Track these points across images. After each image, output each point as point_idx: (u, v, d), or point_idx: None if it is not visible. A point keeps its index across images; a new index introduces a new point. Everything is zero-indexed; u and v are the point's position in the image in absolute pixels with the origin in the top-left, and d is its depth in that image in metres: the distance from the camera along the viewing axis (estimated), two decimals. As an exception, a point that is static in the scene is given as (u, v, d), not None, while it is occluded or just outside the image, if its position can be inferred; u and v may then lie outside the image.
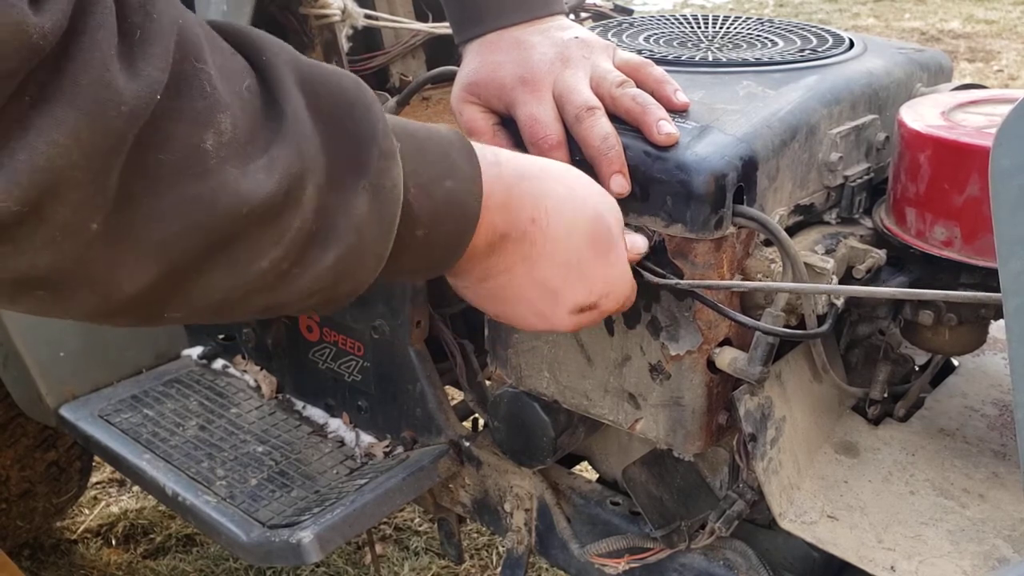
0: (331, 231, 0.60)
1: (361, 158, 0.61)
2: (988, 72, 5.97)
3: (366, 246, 0.62)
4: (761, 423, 0.98)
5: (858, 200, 1.05)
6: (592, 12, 1.77)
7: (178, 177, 0.52)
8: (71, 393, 1.59)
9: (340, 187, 0.60)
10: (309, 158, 0.57)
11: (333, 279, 0.62)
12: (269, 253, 0.57)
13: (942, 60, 1.21)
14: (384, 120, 0.63)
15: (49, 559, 2.15)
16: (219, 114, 0.53)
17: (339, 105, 0.61)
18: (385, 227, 0.63)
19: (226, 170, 0.53)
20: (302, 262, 0.59)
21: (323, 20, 1.48)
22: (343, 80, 0.62)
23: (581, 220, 0.79)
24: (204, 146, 0.52)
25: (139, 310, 0.56)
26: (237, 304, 0.59)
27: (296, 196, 0.57)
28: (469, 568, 2.12)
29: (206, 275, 0.56)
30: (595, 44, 0.95)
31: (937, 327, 1.01)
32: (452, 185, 0.68)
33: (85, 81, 0.48)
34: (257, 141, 0.55)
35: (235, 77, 0.55)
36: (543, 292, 0.79)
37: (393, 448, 1.40)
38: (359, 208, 0.60)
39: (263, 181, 0.54)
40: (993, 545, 0.93)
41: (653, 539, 1.08)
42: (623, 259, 0.83)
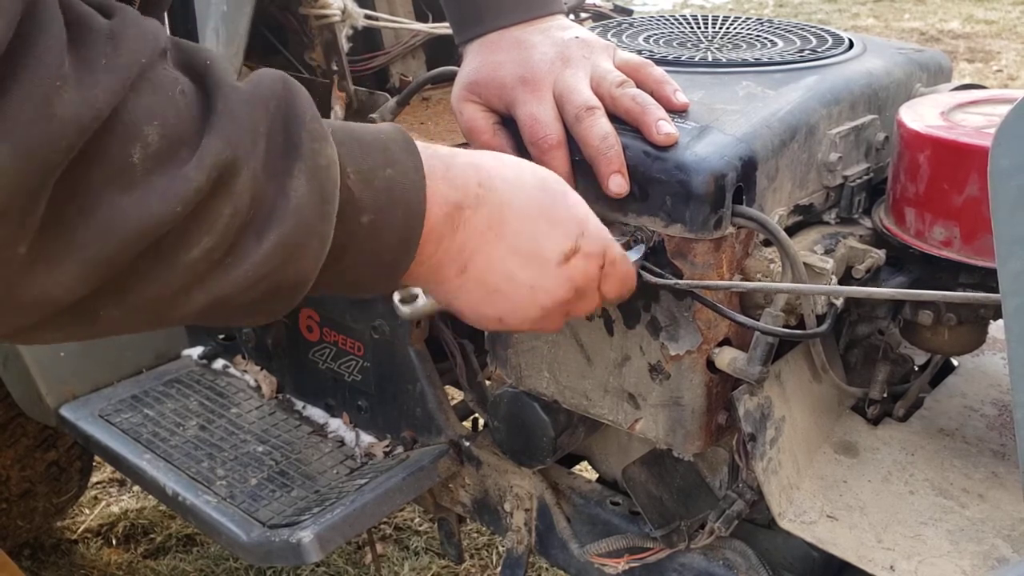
0: (269, 216, 0.59)
1: (293, 142, 0.61)
2: (988, 72, 5.98)
3: (307, 228, 0.61)
4: (760, 423, 0.98)
5: (857, 200, 1.05)
6: (592, 12, 1.77)
7: (105, 193, 0.52)
8: (71, 393, 1.59)
9: (276, 173, 0.60)
10: (241, 147, 0.57)
11: (275, 265, 0.60)
12: (201, 242, 0.56)
13: (942, 60, 1.21)
14: (312, 106, 0.63)
15: (49, 559, 2.15)
16: (145, 126, 0.53)
17: (271, 97, 0.61)
18: (324, 206, 0.62)
19: (152, 180, 0.53)
20: (236, 250, 0.59)
21: (323, 20, 1.48)
22: (272, 74, 0.63)
23: (524, 175, 0.78)
24: (131, 160, 0.52)
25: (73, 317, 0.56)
26: (174, 300, 0.58)
27: (227, 184, 0.56)
28: (469, 568, 2.12)
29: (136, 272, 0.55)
30: (595, 44, 0.95)
31: (936, 327, 1.01)
32: (392, 173, 0.67)
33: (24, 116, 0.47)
34: (190, 139, 0.55)
35: (168, 85, 0.55)
36: (521, 254, 0.77)
37: (393, 448, 1.40)
38: (297, 191, 0.60)
39: (192, 175, 0.54)
40: (992, 545, 0.93)
41: (653, 539, 1.08)
42: (581, 201, 0.81)
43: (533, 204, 0.77)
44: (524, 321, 0.80)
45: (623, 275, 0.84)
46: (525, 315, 0.80)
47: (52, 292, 0.53)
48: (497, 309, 0.79)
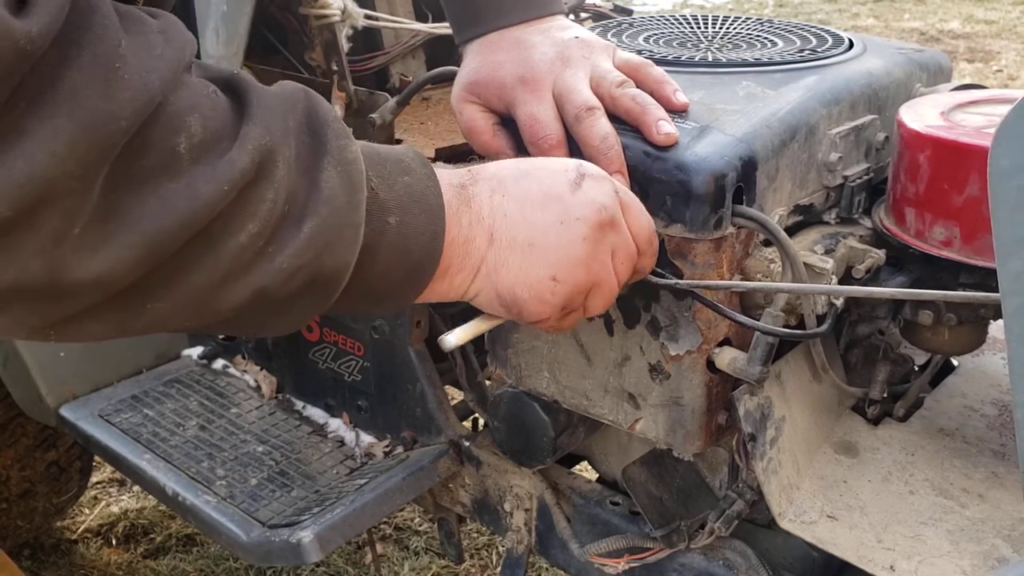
0: (305, 205, 0.62)
1: (320, 139, 0.64)
2: (988, 72, 5.98)
3: (340, 216, 0.64)
4: (761, 423, 0.98)
5: (857, 200, 1.05)
6: (592, 12, 1.77)
7: (156, 180, 0.54)
8: (71, 393, 1.59)
9: (306, 168, 0.63)
10: (278, 135, 0.60)
11: (314, 253, 0.63)
12: (246, 226, 0.58)
13: (942, 60, 1.21)
14: (332, 111, 0.67)
15: (49, 559, 2.15)
16: (188, 117, 0.55)
17: (296, 101, 0.64)
18: (355, 195, 0.65)
19: (198, 169, 0.55)
20: (277, 238, 0.61)
21: (323, 20, 1.48)
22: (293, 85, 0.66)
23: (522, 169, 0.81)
24: (178, 149, 0.55)
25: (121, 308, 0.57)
26: (219, 291, 0.60)
27: (268, 169, 0.59)
28: (469, 568, 2.12)
29: (185, 259, 0.57)
30: (595, 44, 0.95)
31: (936, 327, 1.01)
32: (410, 180, 0.71)
33: (86, 94, 0.49)
34: (228, 130, 0.58)
35: (200, 85, 0.58)
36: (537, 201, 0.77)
37: (393, 448, 1.40)
38: (328, 181, 0.63)
39: (236, 158, 0.57)
40: (992, 545, 0.93)
41: (653, 539, 1.08)
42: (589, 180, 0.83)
43: (521, 164, 0.81)
44: (575, 266, 0.77)
45: (637, 204, 0.84)
46: (572, 257, 0.77)
47: (105, 273, 0.54)
48: (542, 265, 0.77)
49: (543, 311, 0.79)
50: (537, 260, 0.76)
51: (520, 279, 0.77)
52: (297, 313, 0.67)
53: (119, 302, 0.57)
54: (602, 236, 0.78)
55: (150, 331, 0.62)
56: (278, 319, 0.67)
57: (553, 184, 0.78)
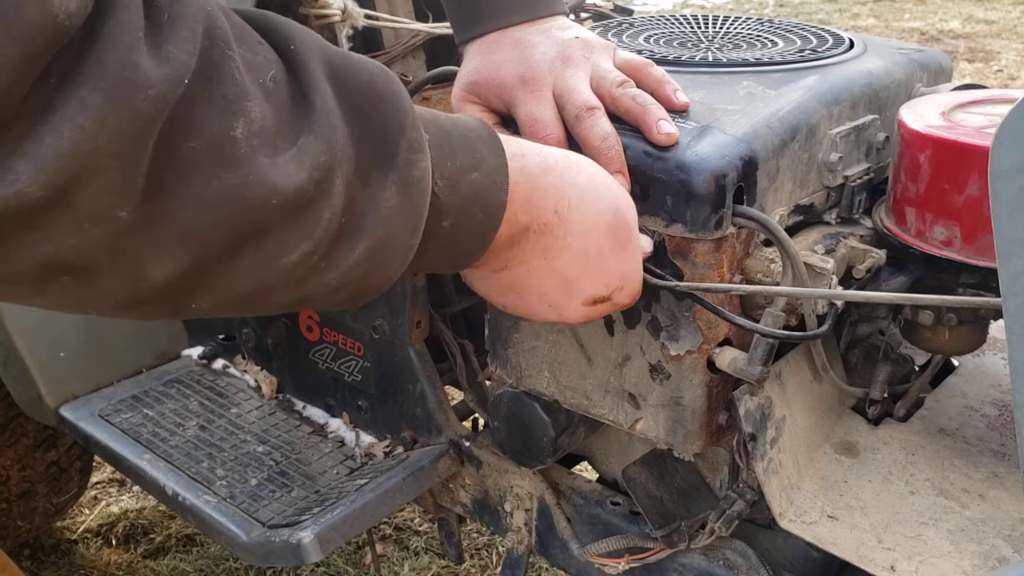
0: (360, 225, 0.59)
1: (390, 150, 0.60)
2: (988, 72, 5.97)
3: (395, 239, 0.61)
4: (761, 423, 0.98)
5: (858, 200, 1.05)
6: (592, 12, 1.77)
7: (209, 166, 0.51)
8: (71, 393, 1.59)
9: (369, 180, 0.59)
10: (339, 150, 0.57)
11: (362, 273, 0.61)
12: (299, 247, 0.56)
13: (942, 60, 1.21)
14: (413, 112, 0.62)
15: (49, 559, 2.15)
16: (247, 103, 0.52)
17: (368, 97, 0.60)
18: (413, 220, 0.62)
19: (257, 159, 0.53)
20: (331, 256, 0.59)
21: (323, 20, 1.48)
22: (373, 69, 0.61)
23: (602, 212, 0.79)
24: (234, 134, 0.52)
25: (166, 300, 0.55)
26: (265, 297, 0.59)
27: (326, 188, 0.56)
28: (469, 568, 2.12)
29: (234, 266, 0.55)
30: (595, 44, 0.95)
31: (937, 327, 1.01)
32: (478, 177, 0.67)
33: (111, 62, 0.47)
34: (285, 132, 0.55)
35: (260, 68, 0.55)
36: (559, 283, 0.79)
37: (393, 448, 1.40)
38: (388, 201, 0.60)
39: (293, 172, 0.54)
40: (993, 545, 0.93)
41: (653, 539, 1.08)
42: (638, 255, 0.83)
43: (592, 249, 0.78)
44: (531, 317, 0.84)
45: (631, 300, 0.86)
46: (530, 315, 0.83)
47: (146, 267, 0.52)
48: (510, 303, 0.82)
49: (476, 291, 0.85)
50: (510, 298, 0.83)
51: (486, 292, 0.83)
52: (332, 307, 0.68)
53: (162, 299, 0.55)
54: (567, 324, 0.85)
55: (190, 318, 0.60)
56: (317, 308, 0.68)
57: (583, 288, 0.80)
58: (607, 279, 0.80)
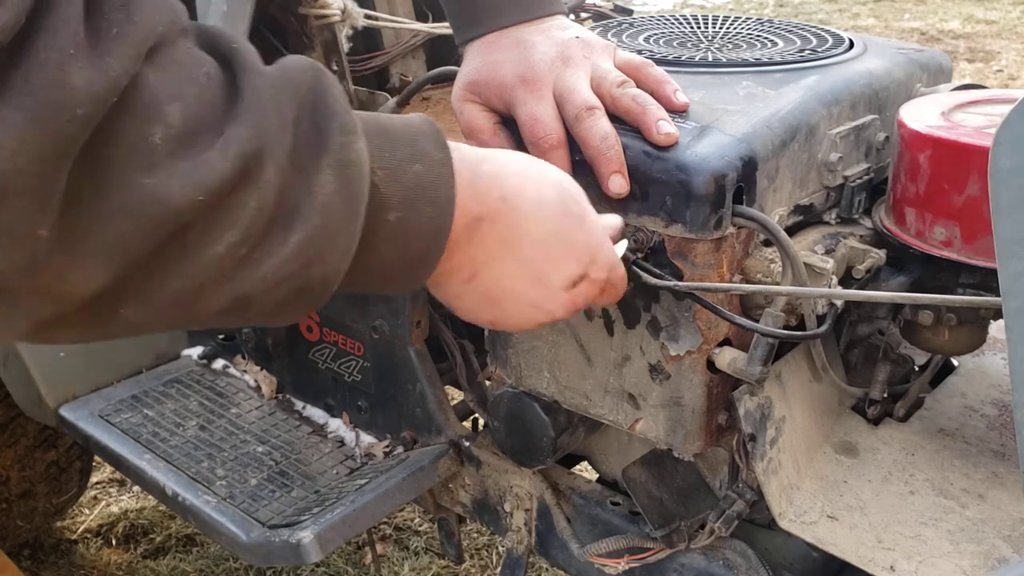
0: (295, 212, 0.57)
1: (323, 134, 0.59)
2: (988, 72, 5.97)
3: (334, 226, 0.59)
4: (761, 423, 0.98)
5: (858, 200, 1.05)
6: (592, 12, 1.77)
7: (127, 174, 0.50)
8: (71, 393, 1.59)
9: (302, 167, 0.58)
10: (268, 137, 0.55)
11: (301, 265, 0.58)
12: (224, 237, 0.54)
13: (942, 60, 1.21)
14: (344, 98, 0.61)
15: (49, 559, 2.15)
16: (167, 106, 0.51)
17: (300, 85, 0.59)
18: (353, 205, 0.60)
19: (176, 163, 0.51)
20: (263, 246, 0.56)
21: (323, 20, 1.48)
22: (303, 61, 0.61)
23: (547, 191, 0.77)
24: (152, 139, 0.50)
25: (92, 315, 0.54)
26: (196, 298, 0.56)
27: (252, 176, 0.54)
28: (469, 568, 2.12)
29: (160, 266, 0.53)
30: (596, 44, 0.95)
31: (937, 327, 1.01)
32: (421, 169, 0.65)
33: (38, 81, 0.45)
34: (213, 125, 0.53)
35: (192, 65, 0.53)
36: (530, 277, 0.76)
37: (393, 448, 1.40)
38: (324, 187, 0.58)
39: (217, 164, 0.52)
40: (993, 545, 0.93)
41: (653, 539, 1.08)
42: (599, 226, 0.81)
43: (550, 225, 0.76)
44: (515, 328, 0.82)
45: (619, 291, 0.85)
46: (518, 324, 0.81)
47: (70, 281, 0.51)
48: (494, 315, 0.79)
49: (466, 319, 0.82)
50: (493, 310, 0.79)
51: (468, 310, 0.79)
52: (285, 315, 0.63)
53: (89, 308, 0.53)
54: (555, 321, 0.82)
55: (127, 335, 0.58)
56: (267, 320, 0.64)
57: (554, 272, 0.77)
58: (576, 255, 0.78)
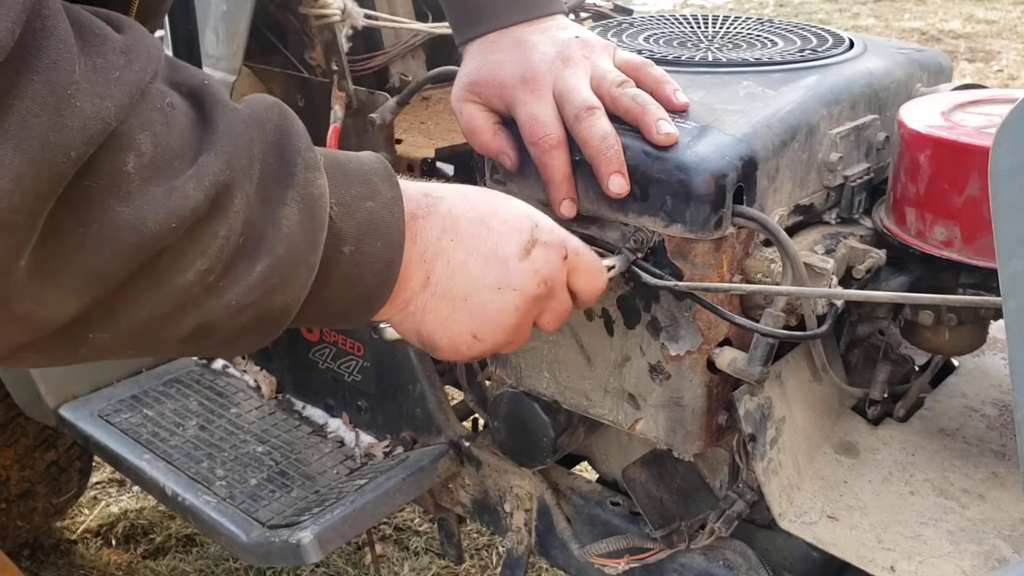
0: (260, 242, 0.59)
1: (288, 169, 0.61)
2: (988, 72, 5.97)
3: (297, 256, 0.61)
4: (761, 423, 0.98)
5: (858, 200, 1.05)
6: (592, 12, 1.77)
7: (102, 203, 0.51)
8: (71, 393, 1.59)
9: (269, 199, 0.60)
10: (239, 168, 0.57)
11: (263, 293, 0.61)
12: (195, 264, 0.56)
13: (942, 60, 1.21)
14: (306, 135, 0.64)
15: (49, 559, 2.15)
16: (137, 135, 0.52)
17: (267, 123, 0.61)
18: (314, 238, 0.62)
19: (149, 190, 0.53)
20: (229, 274, 0.58)
21: (323, 20, 1.48)
22: (267, 99, 0.63)
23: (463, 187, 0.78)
24: (126, 168, 0.52)
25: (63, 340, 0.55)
26: (164, 324, 0.58)
27: (223, 205, 0.56)
28: (469, 568, 2.12)
29: (130, 292, 0.55)
30: (595, 44, 0.95)
31: (937, 327, 1.01)
32: (373, 206, 0.68)
33: (36, 124, 0.46)
34: (185, 153, 0.55)
35: (156, 96, 0.55)
36: (479, 255, 0.76)
37: (393, 448, 1.40)
38: (289, 219, 0.60)
39: (191, 192, 0.54)
40: (993, 545, 0.93)
41: (653, 539, 1.08)
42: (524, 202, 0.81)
43: (479, 205, 0.77)
44: (498, 330, 0.78)
45: (590, 265, 0.83)
46: (498, 323, 0.78)
47: (47, 306, 0.52)
48: (468, 322, 0.77)
49: (455, 357, 0.80)
50: (464, 316, 0.77)
51: (443, 328, 0.77)
52: (244, 344, 0.65)
53: (61, 334, 0.54)
54: (534, 306, 0.79)
55: (92, 360, 0.59)
56: (223, 350, 0.66)
57: (503, 243, 0.76)
58: (515, 223, 0.78)
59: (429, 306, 0.75)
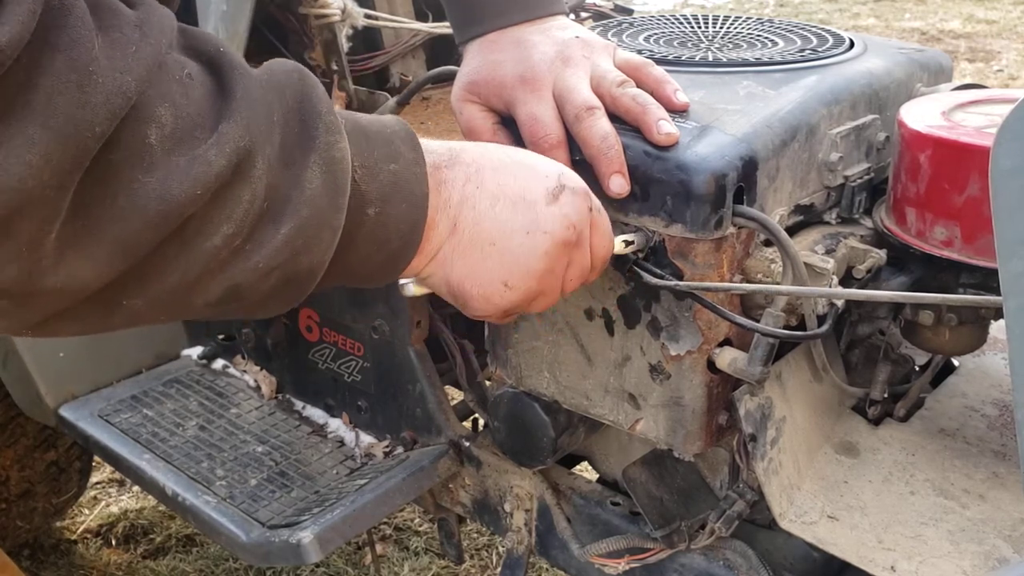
0: (284, 205, 0.61)
1: (310, 133, 0.62)
2: (988, 72, 5.97)
3: (320, 218, 0.63)
4: (761, 423, 0.98)
5: (858, 200, 1.05)
6: (592, 12, 1.77)
7: (128, 175, 0.53)
8: (71, 393, 1.59)
9: (291, 162, 0.61)
10: (259, 133, 0.58)
11: (290, 254, 0.62)
12: (221, 229, 0.57)
13: (942, 60, 1.21)
14: (327, 99, 0.65)
15: (49, 559, 2.15)
16: (157, 107, 0.53)
17: (286, 87, 0.62)
18: (337, 198, 0.64)
19: (172, 160, 0.54)
20: (255, 238, 0.60)
21: (323, 20, 1.48)
22: (288, 65, 0.64)
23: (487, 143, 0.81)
24: (148, 141, 0.53)
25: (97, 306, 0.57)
26: (194, 288, 0.59)
27: (245, 170, 0.57)
28: (469, 568, 2.12)
29: (161, 258, 0.56)
30: (596, 44, 0.95)
31: (937, 327, 1.01)
32: (397, 168, 0.69)
33: (61, 101, 0.48)
34: (205, 122, 0.56)
35: (174, 67, 0.56)
36: (508, 199, 0.76)
37: (393, 448, 1.39)
38: (311, 182, 0.62)
39: (213, 159, 0.55)
40: (993, 545, 0.93)
41: (653, 539, 1.08)
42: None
43: (503, 155, 0.78)
44: (529, 276, 0.77)
45: (606, 226, 0.84)
46: (528, 268, 0.77)
47: (79, 277, 0.53)
48: (498, 269, 0.76)
49: (487, 310, 0.79)
50: (494, 262, 0.76)
51: (473, 276, 0.77)
52: (272, 306, 0.67)
53: (95, 301, 0.56)
54: (563, 252, 0.79)
55: (126, 327, 0.61)
56: (255, 311, 0.67)
57: (530, 187, 0.77)
58: (541, 170, 0.78)
59: (458, 252, 0.75)
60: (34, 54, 0.47)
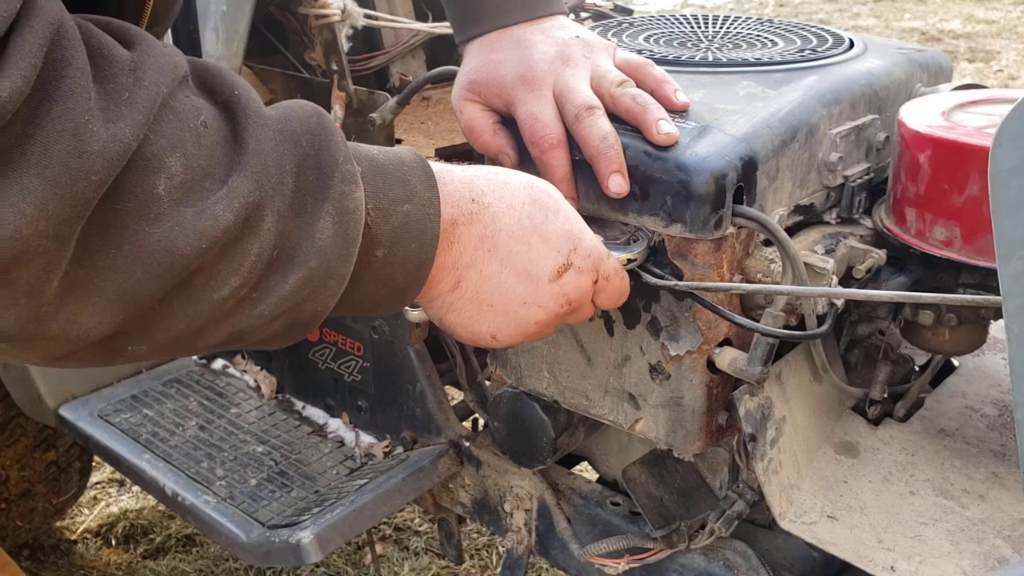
0: (294, 255, 0.60)
1: (324, 183, 0.61)
2: (988, 72, 5.97)
3: (329, 268, 0.62)
4: (761, 423, 0.98)
5: (858, 200, 1.05)
6: (592, 12, 1.77)
7: (134, 225, 0.52)
8: (71, 393, 1.59)
9: (303, 211, 0.61)
10: (269, 186, 0.58)
11: (296, 302, 0.62)
12: (229, 281, 0.57)
13: (942, 60, 1.21)
14: (345, 146, 0.64)
15: (49, 559, 2.15)
16: (168, 158, 0.53)
17: (302, 135, 0.61)
18: (348, 249, 0.63)
19: (180, 211, 0.54)
20: (262, 287, 0.60)
21: (323, 20, 1.48)
22: (307, 108, 0.63)
23: (517, 188, 0.78)
24: (157, 191, 0.53)
25: (102, 351, 0.57)
26: (199, 334, 0.60)
27: (254, 224, 0.57)
28: (469, 568, 2.12)
29: (167, 309, 0.56)
30: (596, 44, 0.95)
31: (937, 327, 1.01)
32: (410, 208, 0.68)
33: (57, 152, 0.47)
34: (216, 173, 0.56)
35: (190, 115, 0.55)
36: (513, 270, 0.76)
37: (393, 448, 1.40)
38: (323, 232, 0.61)
39: (221, 214, 0.55)
40: (993, 545, 0.93)
41: (653, 539, 1.08)
42: (574, 214, 0.81)
43: (524, 219, 0.77)
44: (516, 335, 0.80)
45: (618, 289, 0.85)
46: (518, 330, 0.80)
47: (80, 324, 0.53)
48: (490, 325, 0.79)
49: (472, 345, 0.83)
50: (487, 318, 0.78)
51: (465, 324, 0.79)
52: (273, 344, 0.67)
53: (98, 347, 0.56)
54: (555, 320, 0.81)
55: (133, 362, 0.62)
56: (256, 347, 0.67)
57: (538, 263, 0.77)
58: (555, 244, 0.78)
59: (455, 306, 0.77)
60: (32, 105, 0.47)
